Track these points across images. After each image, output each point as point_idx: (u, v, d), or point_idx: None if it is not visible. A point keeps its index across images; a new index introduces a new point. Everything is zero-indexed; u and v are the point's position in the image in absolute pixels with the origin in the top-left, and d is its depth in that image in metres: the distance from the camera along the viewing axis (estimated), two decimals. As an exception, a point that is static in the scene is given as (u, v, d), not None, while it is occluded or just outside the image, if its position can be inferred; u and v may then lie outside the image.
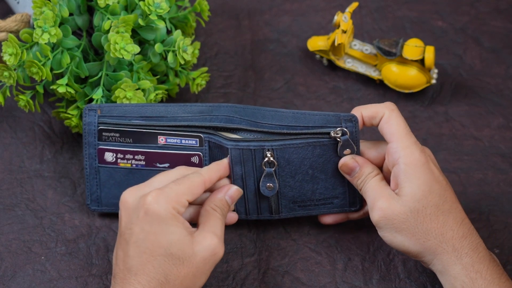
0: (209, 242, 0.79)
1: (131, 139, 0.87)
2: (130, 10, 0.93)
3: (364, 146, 0.87)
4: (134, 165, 0.88)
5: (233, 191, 0.85)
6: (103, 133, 0.87)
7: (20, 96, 0.93)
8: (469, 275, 0.80)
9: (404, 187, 0.82)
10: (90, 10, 0.95)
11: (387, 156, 0.84)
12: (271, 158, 0.85)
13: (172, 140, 0.87)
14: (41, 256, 0.90)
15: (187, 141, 0.87)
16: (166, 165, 0.88)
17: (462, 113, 1.00)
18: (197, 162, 0.88)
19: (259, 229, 0.92)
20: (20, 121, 1.00)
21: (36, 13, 0.89)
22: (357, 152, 0.86)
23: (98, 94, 0.91)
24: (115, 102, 0.90)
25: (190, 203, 0.82)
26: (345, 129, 0.85)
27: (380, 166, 0.87)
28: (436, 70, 1.01)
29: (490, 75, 1.03)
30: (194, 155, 0.88)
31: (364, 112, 0.85)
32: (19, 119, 1.00)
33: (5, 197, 0.94)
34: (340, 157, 0.86)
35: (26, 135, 0.99)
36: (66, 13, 0.91)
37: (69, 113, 0.93)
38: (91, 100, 0.93)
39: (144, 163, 0.88)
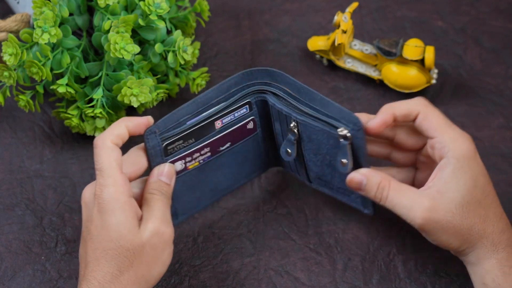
0: (151, 226, 0.79)
1: (193, 138, 0.85)
2: (130, 10, 0.93)
3: (403, 131, 0.85)
4: (201, 161, 0.87)
5: (166, 170, 0.84)
6: (168, 147, 0.84)
7: (20, 96, 0.93)
8: (502, 269, 0.79)
9: (450, 182, 0.80)
10: (90, 10, 0.95)
11: (431, 150, 0.82)
12: (294, 129, 0.86)
13: (228, 119, 0.87)
14: (41, 256, 0.90)
15: (239, 112, 0.87)
16: (228, 144, 0.88)
17: (462, 113, 1.00)
18: (252, 127, 0.89)
19: (259, 229, 0.92)
20: (20, 121, 1.00)
21: (36, 13, 0.89)
22: (358, 162, 0.83)
23: (98, 94, 0.91)
24: (122, 100, 0.90)
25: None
26: (349, 134, 0.82)
27: (418, 150, 0.86)
28: (436, 70, 1.01)
29: (490, 75, 1.03)
30: (249, 121, 0.88)
31: (396, 111, 0.83)
32: (19, 119, 1.00)
33: (5, 197, 0.94)
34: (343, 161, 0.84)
35: (26, 135, 0.99)
36: (66, 13, 0.91)
37: (69, 113, 0.93)
38: (91, 100, 0.93)
39: (210, 154, 0.87)
